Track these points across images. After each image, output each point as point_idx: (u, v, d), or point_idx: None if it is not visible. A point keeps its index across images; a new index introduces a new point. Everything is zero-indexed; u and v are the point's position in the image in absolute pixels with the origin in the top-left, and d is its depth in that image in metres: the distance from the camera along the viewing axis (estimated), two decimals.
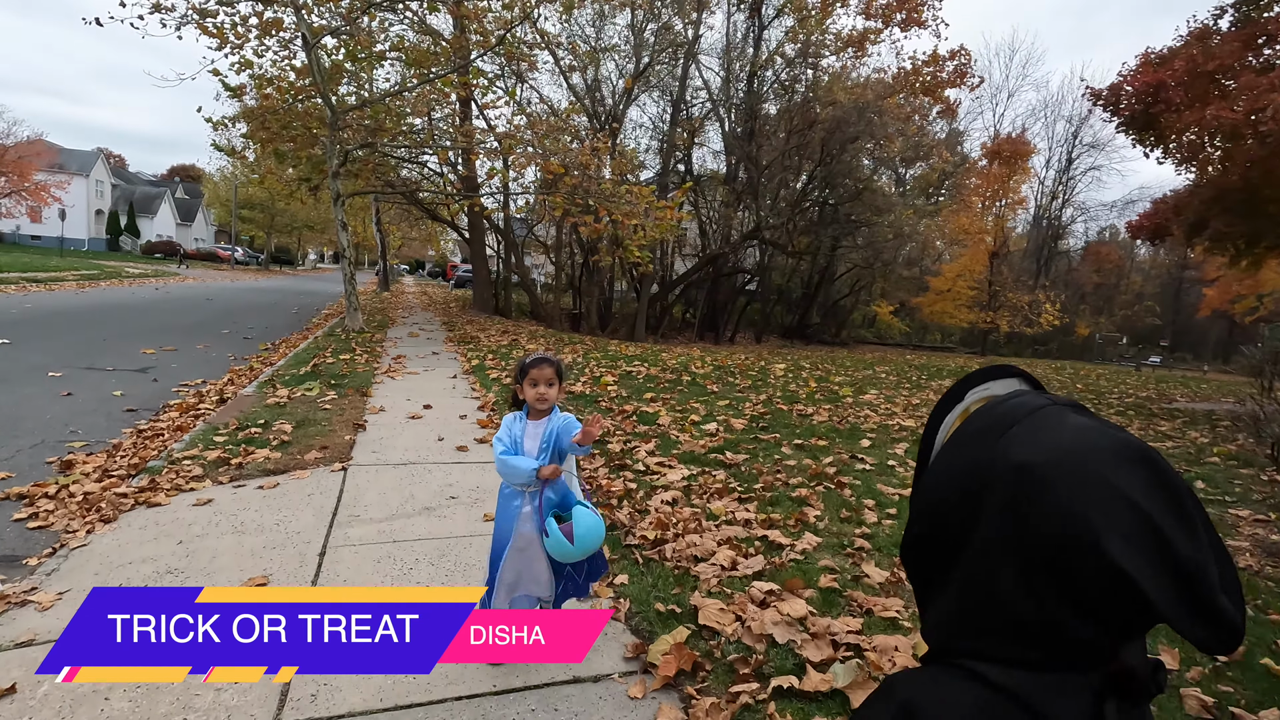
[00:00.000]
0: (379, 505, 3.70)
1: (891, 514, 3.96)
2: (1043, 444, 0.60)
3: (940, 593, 0.69)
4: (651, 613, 2.57)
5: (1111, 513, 0.55)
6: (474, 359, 9.55)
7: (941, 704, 0.61)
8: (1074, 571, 0.56)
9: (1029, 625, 0.59)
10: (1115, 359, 34.53)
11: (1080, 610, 0.57)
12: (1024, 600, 0.59)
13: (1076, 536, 0.55)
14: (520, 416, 2.22)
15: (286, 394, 6.33)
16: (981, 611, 0.63)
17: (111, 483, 3.93)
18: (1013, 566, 0.60)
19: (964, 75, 26.13)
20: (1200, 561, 0.54)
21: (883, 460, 5.31)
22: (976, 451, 0.65)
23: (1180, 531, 0.54)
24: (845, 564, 3.18)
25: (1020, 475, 0.60)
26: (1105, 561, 0.54)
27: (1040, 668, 0.60)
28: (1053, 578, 0.57)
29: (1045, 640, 0.59)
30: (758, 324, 29.63)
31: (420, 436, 5.21)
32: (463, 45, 12.38)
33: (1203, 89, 8.76)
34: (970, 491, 0.64)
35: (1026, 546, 0.59)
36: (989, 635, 0.62)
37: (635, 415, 6.30)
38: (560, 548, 2.00)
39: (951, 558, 0.66)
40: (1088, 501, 0.56)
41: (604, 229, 12.48)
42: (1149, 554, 0.54)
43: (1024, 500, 0.59)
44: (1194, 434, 8.12)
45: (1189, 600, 0.53)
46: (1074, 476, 0.57)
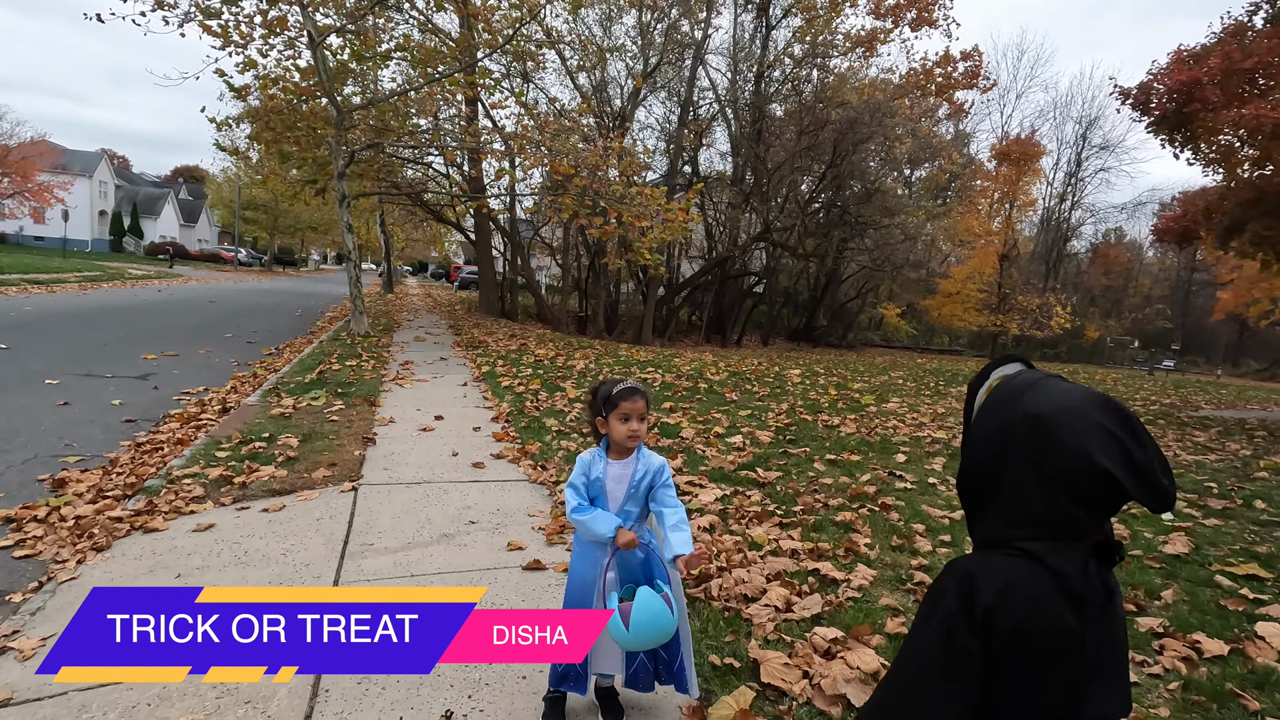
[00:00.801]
0: (393, 532, 3.42)
1: (945, 540, 3.67)
2: (1047, 401, 0.94)
3: (986, 509, 1.02)
4: (706, 666, 2.28)
5: (1097, 438, 0.90)
6: (484, 365, 9.28)
7: (990, 568, 0.94)
8: (1075, 477, 0.91)
9: (1045, 516, 0.93)
10: (1127, 363, 34.14)
11: (1079, 502, 0.91)
12: (1042, 502, 0.93)
13: (1077, 455, 0.90)
14: (600, 454, 1.90)
15: (292, 404, 6.06)
16: (1014, 514, 0.96)
17: (106, 505, 3.65)
18: (1035, 481, 0.93)
19: (976, 77, 25.87)
20: (1149, 461, 0.90)
21: (922, 477, 5.02)
22: (1004, 410, 0.98)
23: (1136, 445, 0.90)
24: (908, 602, 2.89)
25: (1035, 422, 0.93)
26: (1098, 468, 0.89)
27: (1052, 541, 0.93)
28: (1061, 484, 0.92)
29: (1055, 525, 0.93)
30: (764, 327, 29.32)
31: (433, 451, 4.94)
32: (470, 44, 12.13)
33: (1239, 87, 8.46)
34: (1003, 437, 0.97)
35: (1043, 467, 0.92)
36: (1018, 528, 0.95)
37: (657, 428, 6.02)
38: (615, 630, 1.68)
39: (993, 484, 0.99)
40: (1081, 433, 0.90)
41: (614, 231, 12.21)
42: (1120, 460, 0.89)
43: (1040, 437, 0.93)
44: (1233, 445, 7.81)
45: (1144, 483, 0.89)
46: (1071, 419, 0.92)
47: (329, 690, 2.11)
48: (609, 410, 1.86)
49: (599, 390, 1.93)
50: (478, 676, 2.21)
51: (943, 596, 0.96)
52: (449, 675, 2.21)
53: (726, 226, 24.71)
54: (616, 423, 1.86)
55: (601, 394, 1.90)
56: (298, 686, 2.12)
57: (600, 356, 11.68)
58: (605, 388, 1.91)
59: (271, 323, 14.64)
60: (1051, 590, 0.90)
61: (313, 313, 17.90)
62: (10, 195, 36.38)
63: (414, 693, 2.11)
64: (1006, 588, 0.90)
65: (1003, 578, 0.92)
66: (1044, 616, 0.89)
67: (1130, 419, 0.92)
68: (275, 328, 13.71)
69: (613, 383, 1.92)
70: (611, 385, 1.90)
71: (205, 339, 11.02)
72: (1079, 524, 0.93)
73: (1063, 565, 0.91)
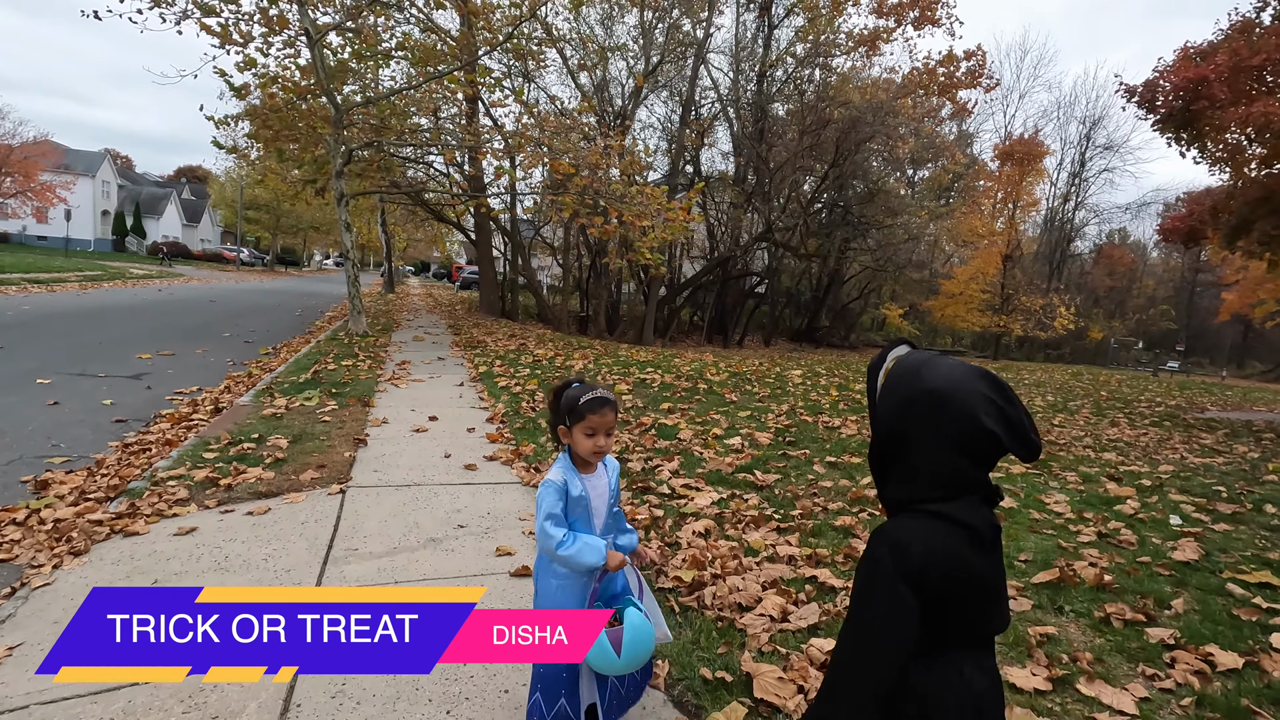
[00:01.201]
0: (379, 536, 3.32)
1: None
2: (940, 377, 1.12)
3: (892, 476, 1.19)
4: (697, 681, 2.19)
5: (982, 405, 1.09)
6: (481, 365, 9.19)
7: (915, 534, 1.10)
8: (967, 437, 1.09)
9: (946, 476, 1.12)
10: (1131, 364, 33.92)
11: (972, 460, 1.11)
12: (943, 463, 1.12)
13: (968, 419, 1.09)
14: (570, 470, 1.72)
15: (285, 404, 5.98)
16: (919, 477, 1.14)
17: (87, 507, 3.57)
18: (935, 443, 1.12)
19: (979, 76, 25.70)
20: (1021, 420, 1.10)
21: None
22: (904, 387, 1.15)
23: (1011, 408, 1.10)
24: None
25: (932, 395, 1.11)
26: (984, 429, 1.08)
27: (955, 498, 1.12)
28: (957, 444, 1.10)
29: (955, 483, 1.12)
30: (766, 327, 29.19)
31: (426, 452, 4.85)
32: (470, 43, 12.05)
33: (1247, 84, 8.33)
34: (906, 409, 1.14)
35: (944, 432, 1.11)
36: (924, 488, 1.13)
37: (654, 429, 5.92)
38: (603, 658, 1.55)
39: (900, 451, 1.15)
40: (970, 402, 1.09)
41: (614, 230, 12.12)
42: (1000, 421, 1.08)
43: (937, 407, 1.11)
44: (1240, 447, 7.69)
45: (1019, 438, 1.09)
46: (960, 390, 1.10)
47: (300, 705, 2.02)
48: (574, 421, 1.69)
49: (563, 394, 1.73)
50: (458, 690, 2.12)
51: (880, 564, 1.10)
52: (427, 689, 2.12)
53: (728, 226, 24.61)
54: (581, 437, 1.69)
55: (566, 401, 1.71)
56: (268, 702, 2.03)
57: (600, 356, 11.58)
58: (571, 394, 1.71)
59: (270, 322, 14.58)
60: (964, 543, 1.10)
61: (312, 312, 17.84)
62: (13, 195, 36.42)
63: (390, 708, 2.02)
64: (929, 549, 1.07)
65: (925, 541, 1.08)
66: (962, 565, 1.09)
67: (1005, 388, 1.12)
68: (274, 327, 13.64)
69: (580, 389, 1.72)
70: (578, 393, 1.70)
71: (203, 338, 10.95)
72: (972, 478, 1.11)
73: (968, 519, 1.10)
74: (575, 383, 1.76)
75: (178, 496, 3.72)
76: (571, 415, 1.69)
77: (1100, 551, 3.65)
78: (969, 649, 1.14)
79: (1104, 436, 7.86)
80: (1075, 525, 4.11)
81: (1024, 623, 2.76)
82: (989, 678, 1.16)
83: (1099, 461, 6.22)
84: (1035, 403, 10.81)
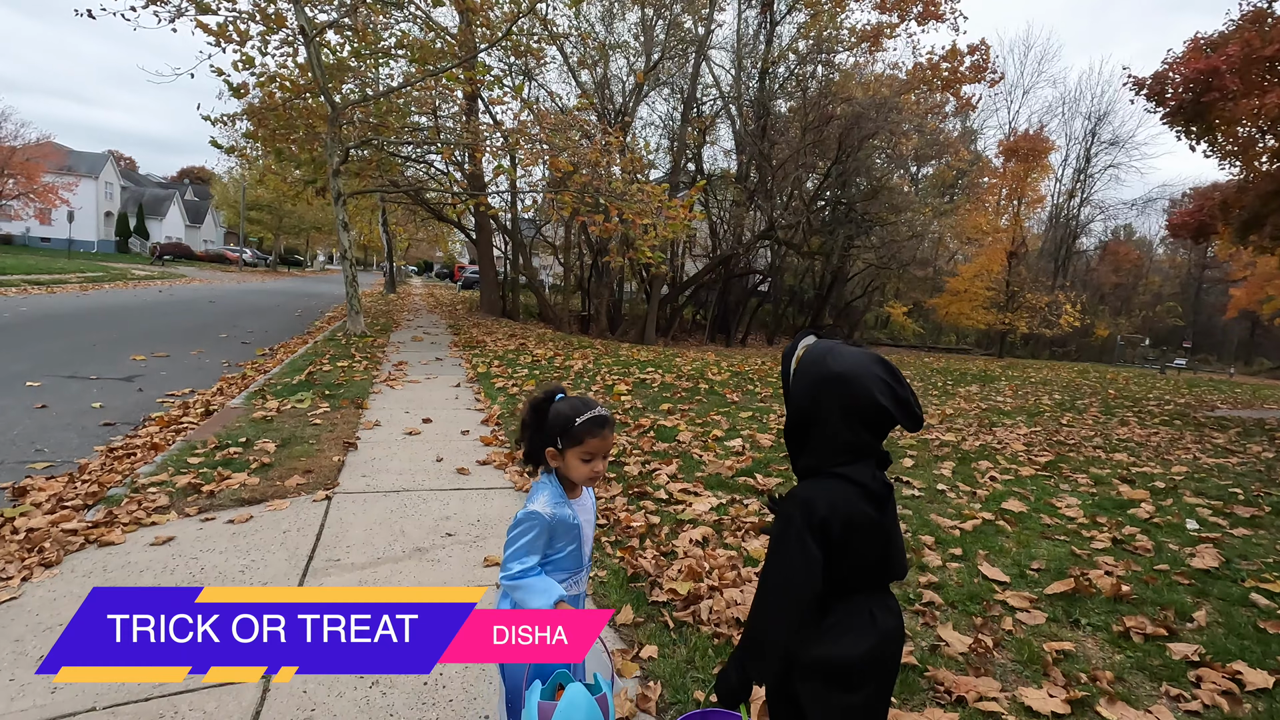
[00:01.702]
0: (363, 546, 3.19)
1: (956, 555, 3.42)
2: (844, 362, 1.28)
3: (804, 448, 1.35)
4: (690, 704, 2.05)
5: (877, 385, 1.25)
6: (479, 365, 9.06)
7: (820, 493, 1.27)
8: (865, 412, 1.26)
9: (848, 445, 1.28)
10: (1138, 361, 33.64)
11: (870, 431, 1.28)
12: (846, 435, 1.27)
13: (867, 397, 1.25)
14: (559, 495, 1.52)
15: (276, 406, 5.86)
16: (827, 447, 1.30)
17: (64, 515, 3.45)
18: (840, 418, 1.27)
19: (983, 70, 25.49)
20: (908, 398, 1.27)
21: (930, 483, 4.77)
22: (814, 371, 1.31)
23: (900, 387, 1.27)
24: (916, 625, 2.65)
25: (839, 378, 1.27)
26: (879, 405, 1.24)
27: (853, 463, 1.28)
28: (860, 421, 1.27)
29: (854, 450, 1.28)
30: (769, 326, 29.02)
31: (417, 456, 4.72)
32: (468, 39, 11.93)
33: (1260, 76, 8.14)
34: (817, 390, 1.30)
35: (846, 410, 1.27)
36: (829, 456, 1.30)
37: (653, 430, 5.78)
38: None
39: (811, 425, 1.32)
40: (868, 382, 1.25)
41: (615, 229, 11.98)
42: (892, 399, 1.25)
43: (843, 387, 1.27)
44: (1254, 447, 7.51)
45: (906, 413, 1.27)
46: (861, 373, 1.26)
47: None
48: (567, 444, 1.48)
49: (552, 412, 1.51)
50: (434, 716, 1.98)
51: (792, 521, 1.27)
52: (403, 713, 1.98)
53: (731, 225, 24.43)
54: (577, 461, 1.49)
55: (556, 420, 1.49)
56: None
57: (600, 356, 11.44)
58: (562, 411, 1.50)
59: (269, 323, 14.48)
60: (860, 498, 1.26)
61: (312, 313, 17.74)
62: (16, 196, 36.46)
63: None
64: (832, 504, 1.25)
65: (828, 498, 1.25)
66: (859, 516, 1.26)
67: (895, 371, 1.28)
68: (272, 328, 13.54)
69: (571, 404, 1.51)
70: (571, 411, 1.49)
71: (200, 339, 10.85)
72: (869, 446, 1.29)
73: (863, 478, 1.26)
74: (559, 394, 1.55)
75: (158, 504, 3.60)
76: (565, 437, 1.48)
77: (1116, 559, 3.50)
78: (873, 592, 1.33)
79: (1114, 436, 7.69)
80: (1089, 531, 3.96)
81: (1039, 638, 2.62)
82: (894, 618, 1.35)
83: (1110, 463, 6.06)
84: (1042, 401, 10.64)
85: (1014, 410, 9.25)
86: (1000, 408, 9.46)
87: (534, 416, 1.56)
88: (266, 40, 11.18)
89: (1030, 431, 7.44)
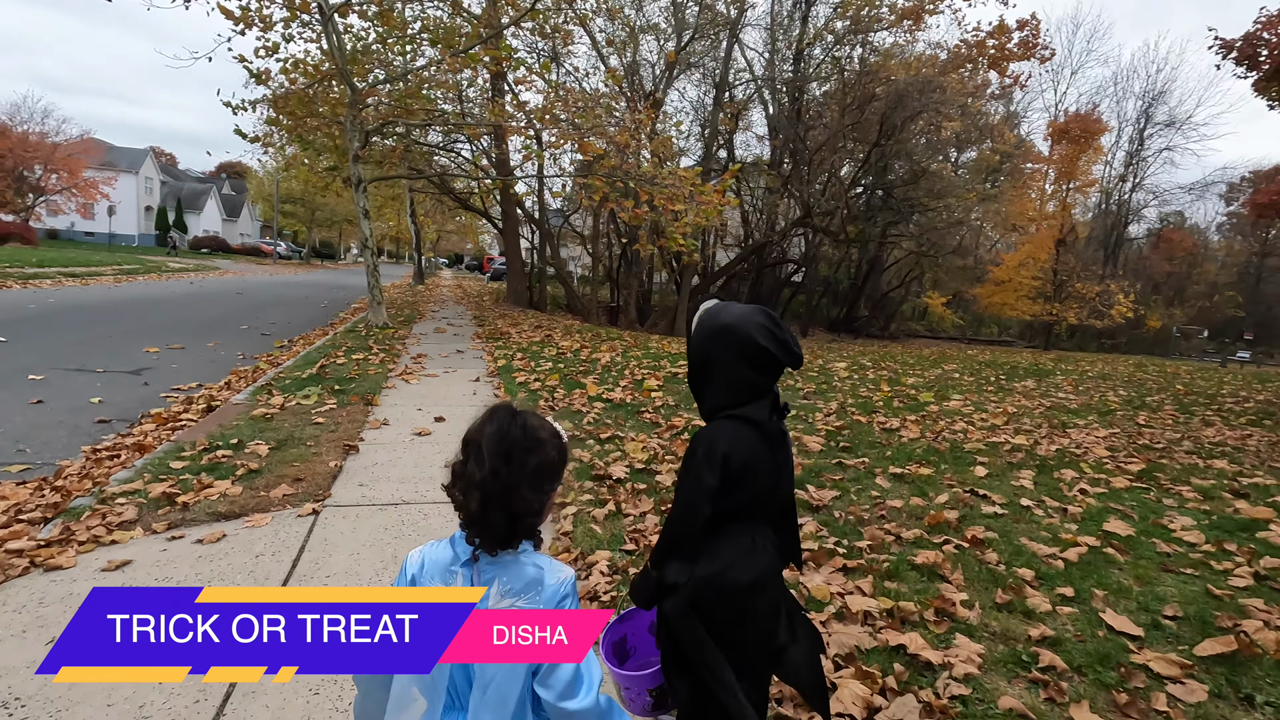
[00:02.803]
0: (345, 574, 2.69)
1: (1067, 596, 2.77)
2: (731, 315, 1.44)
3: (706, 393, 1.48)
4: None
5: (758, 330, 1.40)
6: (501, 359, 8.58)
7: (721, 431, 1.40)
8: (753, 356, 1.40)
9: (740, 384, 1.42)
10: (1195, 354, 31.81)
11: (759, 371, 1.42)
12: (738, 375, 1.42)
13: (751, 341, 1.39)
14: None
15: (280, 403, 5.44)
16: (724, 389, 1.44)
17: (15, 531, 3.02)
18: (729, 363, 1.42)
19: (1033, 47, 24.09)
20: (787, 339, 1.42)
21: (1012, 498, 4.10)
22: (708, 324, 1.46)
23: (781, 330, 1.42)
24: (1038, 701, 2.03)
25: (727, 327, 1.42)
26: (761, 346, 1.39)
27: (748, 403, 1.42)
28: (748, 362, 1.41)
29: (748, 390, 1.42)
30: (803, 317, 28.11)
31: (423, 461, 4.22)
32: (494, 18, 11.43)
33: None
34: (710, 340, 1.45)
35: (734, 353, 1.41)
36: (726, 397, 1.43)
37: (687, 432, 5.20)
38: None
39: (710, 370, 1.46)
40: (751, 329, 1.40)
41: (644, 215, 11.38)
42: (772, 339, 1.40)
43: (730, 334, 1.41)
44: None
45: (788, 353, 1.42)
46: (744, 321, 1.41)
47: None
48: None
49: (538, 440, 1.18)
50: None
51: (695, 455, 1.41)
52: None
53: (764, 212, 23.61)
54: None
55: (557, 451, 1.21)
56: None
57: (628, 349, 10.88)
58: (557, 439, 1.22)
59: (293, 314, 14.25)
60: (756, 436, 1.42)
61: (339, 304, 17.53)
62: (58, 191, 37.30)
63: None
64: (732, 441, 1.39)
65: (727, 436, 1.40)
66: (754, 452, 1.41)
67: (775, 318, 1.45)
68: (295, 319, 13.29)
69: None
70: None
71: (219, 331, 10.59)
72: (760, 385, 1.44)
73: (758, 417, 1.42)
74: (524, 413, 1.20)
75: (124, 518, 3.15)
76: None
77: (1267, 602, 2.82)
78: (757, 521, 1.49)
79: (1203, 439, 6.85)
80: (1219, 562, 3.27)
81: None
82: (771, 544, 1.51)
83: (1212, 471, 5.29)
84: (1109, 398, 9.74)
85: (1082, 409, 8.42)
86: (1065, 405, 8.64)
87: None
88: (289, 24, 10.84)
89: (1109, 434, 6.66)
